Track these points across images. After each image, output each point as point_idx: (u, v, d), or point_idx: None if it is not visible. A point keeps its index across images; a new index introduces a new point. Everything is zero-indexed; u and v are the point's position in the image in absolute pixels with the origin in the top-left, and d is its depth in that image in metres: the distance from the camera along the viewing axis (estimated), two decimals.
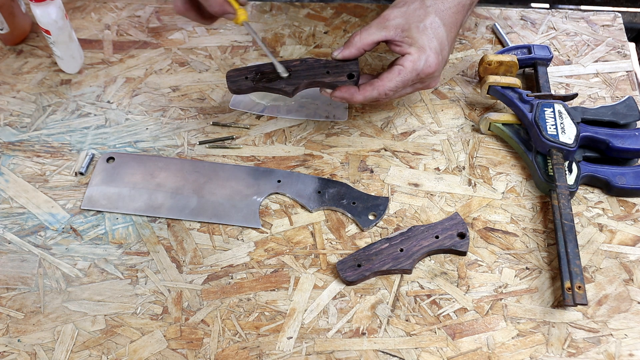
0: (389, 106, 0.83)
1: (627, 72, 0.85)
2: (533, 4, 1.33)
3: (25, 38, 0.92)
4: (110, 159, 0.77)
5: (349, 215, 0.72)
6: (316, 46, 0.90)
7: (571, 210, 0.68)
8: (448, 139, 0.79)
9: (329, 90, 0.73)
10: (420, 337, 0.63)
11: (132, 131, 0.81)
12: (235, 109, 0.83)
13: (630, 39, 0.94)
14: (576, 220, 0.71)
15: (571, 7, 1.30)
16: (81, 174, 0.77)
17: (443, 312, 0.65)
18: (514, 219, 0.72)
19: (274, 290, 0.67)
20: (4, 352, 0.63)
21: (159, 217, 0.73)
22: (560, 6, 1.30)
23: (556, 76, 0.85)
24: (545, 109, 0.75)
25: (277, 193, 0.75)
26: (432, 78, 0.72)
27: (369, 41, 0.70)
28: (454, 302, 0.66)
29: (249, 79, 0.72)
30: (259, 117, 0.82)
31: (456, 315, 0.65)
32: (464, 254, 0.69)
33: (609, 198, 0.73)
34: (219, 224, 0.72)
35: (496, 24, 0.91)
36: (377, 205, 0.73)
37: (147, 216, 0.73)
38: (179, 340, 0.64)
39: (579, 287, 0.62)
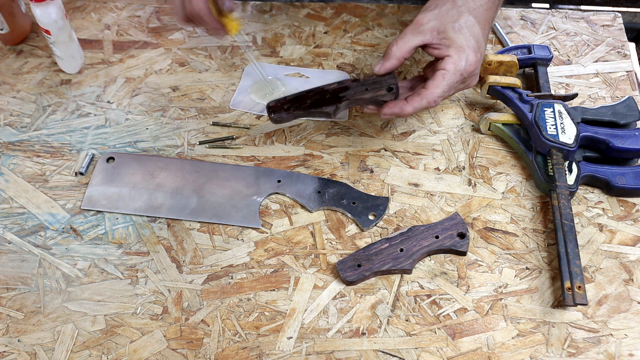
0: None
1: (627, 72, 0.85)
2: (533, 4, 1.33)
3: (25, 38, 0.92)
4: (110, 159, 0.77)
5: (349, 215, 0.72)
6: (316, 46, 0.90)
7: (571, 210, 0.68)
8: (448, 139, 0.79)
9: (372, 107, 0.72)
10: (420, 337, 0.63)
11: (132, 131, 0.81)
12: (235, 109, 0.83)
13: (630, 39, 0.94)
14: (576, 220, 0.71)
15: (571, 7, 1.30)
16: (81, 174, 0.77)
17: (443, 312, 0.65)
18: (514, 219, 0.72)
19: (274, 290, 0.67)
20: (4, 352, 0.63)
21: (159, 217, 0.73)
22: (560, 6, 1.30)
23: (556, 76, 0.85)
24: (545, 109, 0.75)
25: (277, 193, 0.75)
26: (472, 76, 0.72)
27: (407, 49, 0.70)
28: (454, 302, 0.66)
29: (288, 108, 0.71)
30: (259, 117, 0.82)
31: (456, 315, 0.65)
32: (464, 254, 0.69)
33: (609, 198, 0.73)
34: (219, 224, 0.72)
35: (496, 24, 0.91)
36: (377, 205, 0.73)
37: (147, 216, 0.73)
38: (179, 340, 0.64)
39: (579, 287, 0.62)
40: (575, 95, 0.77)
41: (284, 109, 0.71)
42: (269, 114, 0.72)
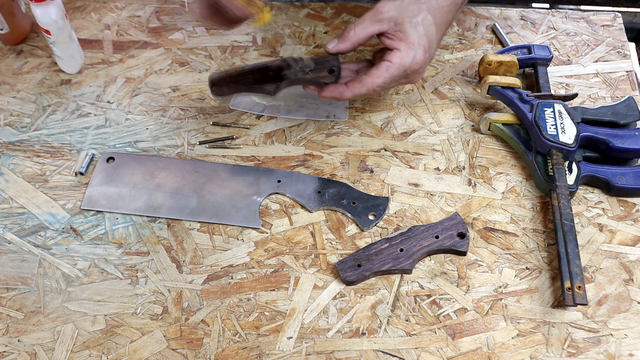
0: (388, 106, 0.83)
1: (627, 72, 0.85)
2: (533, 4, 1.33)
3: (25, 38, 0.92)
4: (110, 159, 0.77)
5: (349, 215, 0.72)
6: (316, 46, 0.90)
7: (571, 210, 0.68)
8: (448, 139, 0.79)
9: (312, 87, 0.73)
10: (420, 337, 0.63)
11: (132, 131, 0.81)
12: (235, 109, 0.83)
13: (630, 39, 0.94)
14: (576, 220, 0.71)
15: (571, 7, 1.30)
16: (81, 174, 0.77)
17: (443, 312, 0.65)
18: (514, 219, 0.72)
19: (274, 290, 0.67)
20: (4, 352, 0.63)
21: (159, 217, 0.73)
22: (560, 6, 1.30)
23: (556, 76, 0.85)
24: (545, 109, 0.75)
25: (277, 193, 0.75)
26: (417, 74, 0.72)
27: (364, 35, 0.70)
28: (454, 302, 0.66)
29: (230, 82, 0.72)
30: (259, 117, 0.82)
31: (456, 315, 0.65)
32: (464, 254, 0.69)
33: (609, 198, 0.73)
34: (219, 224, 0.72)
35: (496, 24, 0.91)
36: (377, 205, 0.73)
37: (147, 216, 0.73)
38: (179, 340, 0.64)
39: (579, 287, 0.62)
40: (575, 95, 0.77)
41: (226, 82, 0.72)
42: (210, 88, 0.72)
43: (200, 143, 0.80)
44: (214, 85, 0.72)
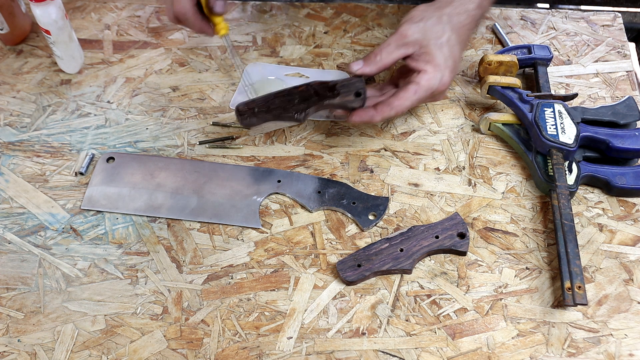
0: None
1: (627, 72, 0.85)
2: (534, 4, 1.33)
3: (25, 38, 0.92)
4: (110, 159, 0.77)
5: (349, 215, 0.72)
6: (316, 46, 0.90)
7: (571, 210, 0.68)
8: (448, 139, 0.79)
9: (340, 112, 0.72)
10: (420, 337, 0.63)
11: (132, 131, 0.81)
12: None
13: (630, 39, 0.94)
14: (576, 220, 0.71)
15: (571, 7, 1.30)
16: (81, 174, 0.77)
17: (443, 312, 0.65)
18: (514, 219, 0.72)
19: (274, 290, 0.67)
20: (4, 352, 0.63)
21: (159, 217, 0.73)
22: (560, 6, 1.30)
23: (556, 76, 0.85)
24: (545, 109, 0.75)
25: (277, 193, 0.75)
26: (442, 94, 0.73)
27: (390, 60, 0.71)
28: (454, 302, 0.66)
29: (257, 112, 0.71)
30: None
31: (456, 315, 0.65)
32: (464, 254, 0.69)
33: (609, 198, 0.73)
34: (219, 224, 0.72)
35: (496, 24, 0.91)
36: (377, 205, 0.73)
37: (147, 216, 0.73)
38: (179, 340, 0.64)
39: (579, 287, 0.62)
40: (575, 95, 0.77)
41: (253, 111, 0.71)
42: (237, 118, 0.71)
43: (200, 143, 0.80)
44: (241, 115, 0.71)
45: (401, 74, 0.75)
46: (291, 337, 0.64)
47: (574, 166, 0.73)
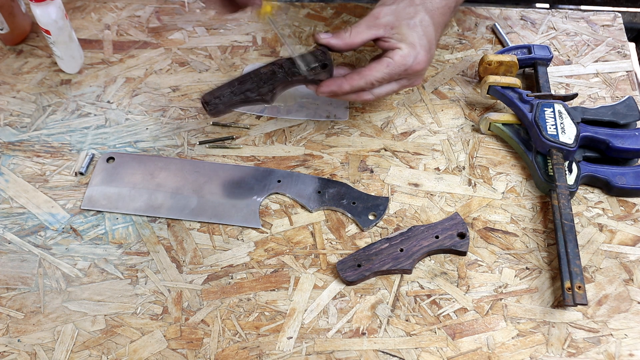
0: (389, 106, 0.83)
1: (627, 72, 0.85)
2: (534, 4, 1.33)
3: (25, 38, 0.92)
4: (110, 159, 0.77)
5: (349, 215, 0.72)
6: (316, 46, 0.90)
7: (571, 210, 0.68)
8: (448, 139, 0.79)
9: (311, 86, 0.72)
10: (420, 337, 0.63)
11: (132, 131, 0.81)
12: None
13: (630, 39, 0.94)
14: (576, 220, 0.71)
15: (571, 7, 1.30)
16: (81, 174, 0.77)
17: (443, 312, 0.65)
18: (514, 219, 0.72)
19: (274, 290, 0.67)
20: (4, 352, 0.63)
21: (159, 217, 0.73)
22: (560, 6, 1.30)
23: (556, 76, 0.85)
24: (545, 109, 0.75)
25: (277, 193, 0.75)
26: (418, 76, 0.72)
27: (359, 40, 0.70)
28: (454, 302, 0.66)
29: (223, 99, 0.70)
30: (259, 117, 0.82)
31: (456, 315, 0.65)
32: (464, 254, 0.69)
33: (609, 198, 0.73)
34: (219, 224, 0.72)
35: (496, 24, 0.91)
36: (377, 205, 0.73)
37: (147, 216, 0.73)
38: (179, 340, 0.64)
39: (579, 287, 0.62)
40: (575, 95, 0.77)
41: (219, 98, 0.69)
42: (204, 108, 0.70)
43: (200, 143, 0.80)
44: (207, 104, 0.70)
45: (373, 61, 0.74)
46: (291, 337, 0.64)
47: (574, 166, 0.73)
